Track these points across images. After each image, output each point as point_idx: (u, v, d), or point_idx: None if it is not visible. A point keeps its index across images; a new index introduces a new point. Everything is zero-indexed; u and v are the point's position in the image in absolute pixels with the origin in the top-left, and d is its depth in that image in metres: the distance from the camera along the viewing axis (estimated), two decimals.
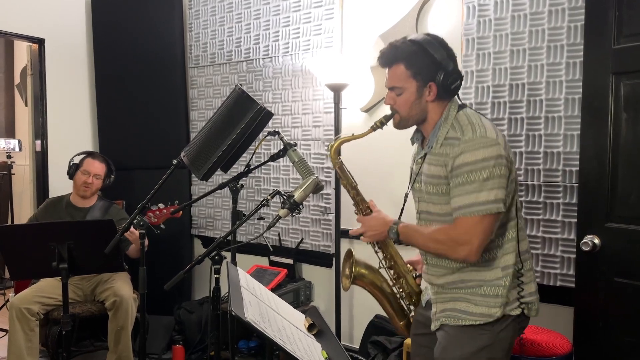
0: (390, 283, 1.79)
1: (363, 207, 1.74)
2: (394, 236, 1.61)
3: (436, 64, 1.51)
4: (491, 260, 1.51)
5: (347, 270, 1.79)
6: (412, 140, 1.70)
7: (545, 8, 2.17)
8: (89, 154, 3.00)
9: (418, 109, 1.56)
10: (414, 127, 1.65)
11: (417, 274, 1.79)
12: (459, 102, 1.57)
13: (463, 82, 2.35)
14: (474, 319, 1.50)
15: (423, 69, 1.51)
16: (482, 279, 1.51)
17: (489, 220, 1.43)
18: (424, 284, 1.73)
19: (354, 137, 1.70)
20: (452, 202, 1.47)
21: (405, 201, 1.70)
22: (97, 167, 2.94)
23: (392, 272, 1.77)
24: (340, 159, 1.75)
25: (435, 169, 1.52)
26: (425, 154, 1.57)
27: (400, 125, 1.62)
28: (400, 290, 1.77)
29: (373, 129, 1.64)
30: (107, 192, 3.39)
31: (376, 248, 1.77)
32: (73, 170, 2.94)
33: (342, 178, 1.76)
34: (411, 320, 1.78)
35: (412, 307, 1.78)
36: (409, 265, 1.79)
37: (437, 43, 1.52)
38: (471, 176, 1.42)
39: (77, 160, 2.97)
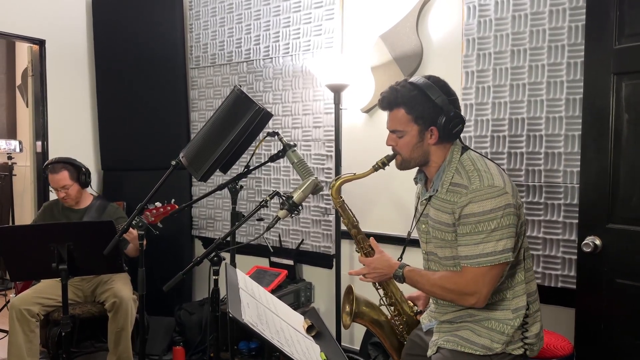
0: (392, 320, 1.80)
1: (364, 246, 1.75)
2: (400, 281, 1.62)
3: (437, 108, 1.50)
4: (501, 301, 1.53)
5: (347, 307, 1.80)
6: (415, 181, 1.71)
7: (546, 8, 2.16)
8: (47, 167, 2.85)
9: (420, 151, 1.56)
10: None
11: (419, 310, 1.80)
12: (462, 145, 1.58)
13: (464, 83, 2.37)
14: (474, 348, 1.51)
15: (424, 113, 1.51)
16: (491, 317, 1.53)
17: (497, 270, 1.44)
18: (425, 320, 1.74)
19: (355, 177, 1.72)
20: (459, 250, 1.48)
21: (407, 240, 1.71)
22: (58, 180, 2.79)
23: (392, 308, 1.78)
24: (341, 198, 1.78)
25: (443, 215, 1.53)
26: (431, 197, 1.57)
27: (402, 166, 1.62)
28: (401, 327, 1.78)
29: (375, 168, 1.66)
30: (107, 193, 3.40)
31: (377, 285, 1.77)
32: (49, 186, 2.89)
33: (344, 217, 1.78)
34: None
35: None
36: (410, 302, 1.80)
37: (437, 87, 1.52)
38: (479, 227, 1.43)
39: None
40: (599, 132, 1.83)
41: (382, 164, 1.64)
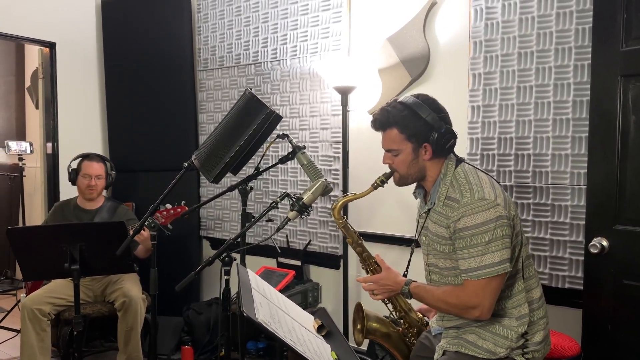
0: (402, 333, 1.83)
1: (370, 263, 1.77)
2: (407, 297, 1.66)
3: (428, 125, 1.54)
4: (504, 309, 1.55)
5: (358, 324, 1.82)
6: (415, 195, 1.75)
7: (553, 11, 2.18)
8: (85, 157, 2.98)
9: (416, 168, 1.61)
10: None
11: (428, 321, 1.82)
12: (456, 157, 1.62)
13: (471, 85, 2.39)
14: (477, 351, 1.54)
15: (416, 131, 1.56)
16: (496, 323, 1.55)
17: (496, 281, 1.47)
18: (434, 324, 1.76)
19: (356, 197, 1.77)
20: (459, 264, 1.52)
21: (412, 253, 1.74)
22: (96, 168, 2.93)
23: (402, 321, 1.80)
24: (344, 218, 1.81)
25: (440, 229, 1.57)
26: (429, 210, 1.61)
27: (400, 182, 1.67)
28: (412, 338, 1.81)
29: (374, 187, 1.70)
30: (116, 194, 3.43)
31: (386, 300, 1.80)
32: (74, 176, 2.94)
33: (348, 236, 1.82)
34: None
35: None
36: (419, 314, 1.82)
37: (427, 105, 1.56)
38: (473, 240, 1.47)
39: (74, 165, 2.97)
40: (606, 133, 1.85)
41: (381, 182, 1.68)
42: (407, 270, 1.75)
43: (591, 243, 1.85)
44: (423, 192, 1.70)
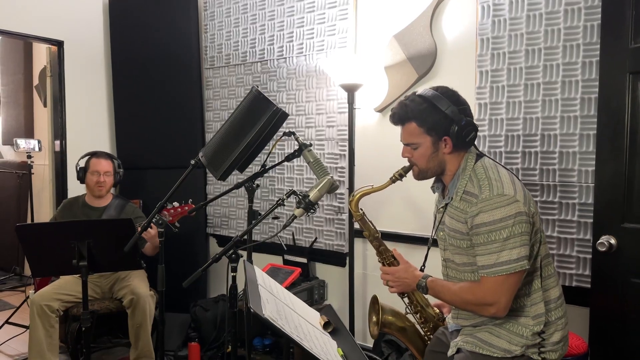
0: (418, 327, 1.82)
1: (387, 257, 1.76)
2: (423, 291, 1.64)
3: (448, 118, 1.52)
4: (521, 308, 1.54)
5: (374, 317, 1.82)
6: (433, 190, 1.73)
7: (561, 7, 2.16)
8: (93, 154, 3.01)
9: (436, 161, 1.59)
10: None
11: (444, 316, 1.81)
12: (477, 152, 1.60)
13: (478, 83, 2.38)
14: (492, 350, 1.52)
15: (435, 124, 1.54)
16: (512, 321, 1.54)
17: (514, 278, 1.45)
18: (451, 321, 1.75)
19: (373, 190, 1.74)
20: (477, 260, 1.50)
21: (429, 248, 1.73)
22: (105, 165, 2.97)
23: (418, 316, 1.79)
24: (361, 210, 1.79)
25: (457, 224, 1.55)
26: (447, 205, 1.59)
27: (419, 177, 1.65)
28: (428, 333, 1.80)
29: (392, 180, 1.68)
30: (123, 191, 3.45)
31: (403, 295, 1.79)
32: (82, 174, 2.97)
33: (365, 229, 1.80)
34: None
35: None
36: (436, 309, 1.81)
37: (446, 98, 1.53)
38: (491, 236, 1.44)
39: (82, 163, 3.00)
40: (615, 131, 1.84)
41: (400, 175, 1.66)
42: (424, 265, 1.73)
43: (599, 241, 1.84)
44: (441, 187, 1.67)
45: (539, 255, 1.54)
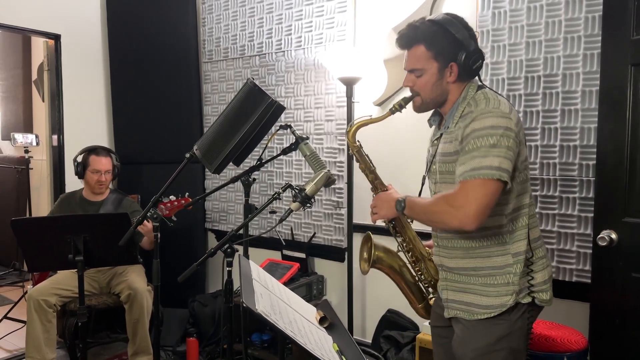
0: (409, 266, 1.78)
1: (382, 190, 1.71)
2: (400, 208, 1.57)
3: (458, 43, 1.47)
4: (501, 244, 1.49)
5: (365, 254, 1.77)
6: (430, 123, 1.66)
7: None
8: (92, 151, 2.95)
9: (439, 90, 1.53)
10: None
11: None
12: (479, 83, 1.55)
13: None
14: (488, 311, 1.49)
15: (444, 49, 1.48)
16: (492, 265, 1.49)
17: (490, 186, 1.37)
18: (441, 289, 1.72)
19: (372, 121, 1.66)
20: (457, 171, 1.44)
21: (422, 184, 1.67)
22: (105, 163, 2.93)
23: (409, 254, 1.75)
24: (358, 142, 1.72)
25: (449, 146, 1.50)
26: (442, 134, 1.55)
27: (421, 108, 1.58)
28: (419, 272, 1.75)
29: (392, 111, 1.60)
30: (121, 186, 3.44)
31: (395, 232, 1.75)
32: (81, 170, 2.93)
33: (360, 162, 1.73)
34: (430, 303, 1.76)
35: (430, 290, 1.76)
36: (427, 249, 1.77)
37: (458, 22, 1.49)
38: (478, 142, 1.39)
39: (81, 159, 2.96)
40: (616, 124, 1.81)
41: (399, 106, 1.58)
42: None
43: (599, 236, 1.82)
44: (439, 119, 1.62)
45: (527, 192, 1.50)
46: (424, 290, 1.78)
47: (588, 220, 2.12)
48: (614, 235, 1.80)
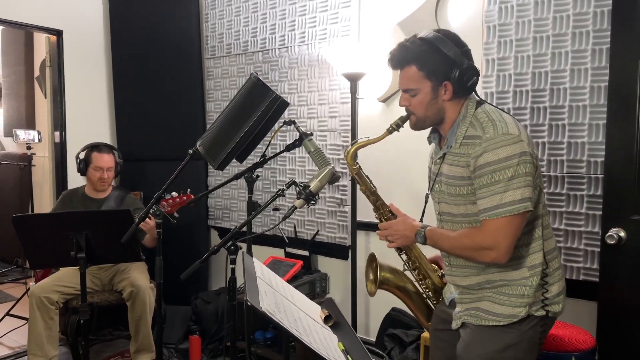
0: (417, 284, 1.76)
1: (384, 212, 1.71)
2: (422, 240, 1.57)
3: (450, 62, 1.45)
4: (517, 259, 1.47)
5: (371, 275, 1.77)
6: (429, 140, 1.66)
7: None
8: (94, 148, 2.93)
9: (435, 109, 1.51)
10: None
11: (442, 272, 1.76)
12: (477, 98, 1.53)
13: (484, 71, 2.32)
14: (497, 319, 1.47)
15: (436, 68, 1.46)
16: (508, 279, 1.48)
17: (517, 220, 1.38)
18: (447, 293, 1.70)
19: (370, 142, 1.67)
20: (478, 204, 1.43)
21: (426, 202, 1.66)
22: (108, 161, 2.91)
23: (416, 272, 1.74)
24: (357, 164, 1.73)
25: (457, 169, 1.48)
26: (445, 154, 1.53)
27: (417, 126, 1.58)
28: (427, 290, 1.75)
29: (389, 131, 1.61)
30: (124, 183, 3.42)
31: (400, 251, 1.74)
32: (83, 167, 2.91)
33: (361, 184, 1.74)
34: None
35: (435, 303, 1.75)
36: (433, 265, 1.76)
37: (448, 40, 1.47)
38: (495, 176, 1.38)
39: (83, 155, 2.94)
40: (625, 120, 1.78)
41: (397, 125, 1.58)
42: (421, 220, 1.66)
43: (608, 234, 1.79)
44: (438, 137, 1.61)
45: (540, 203, 1.48)
46: (433, 307, 1.77)
47: (596, 218, 2.09)
48: (622, 234, 1.78)
